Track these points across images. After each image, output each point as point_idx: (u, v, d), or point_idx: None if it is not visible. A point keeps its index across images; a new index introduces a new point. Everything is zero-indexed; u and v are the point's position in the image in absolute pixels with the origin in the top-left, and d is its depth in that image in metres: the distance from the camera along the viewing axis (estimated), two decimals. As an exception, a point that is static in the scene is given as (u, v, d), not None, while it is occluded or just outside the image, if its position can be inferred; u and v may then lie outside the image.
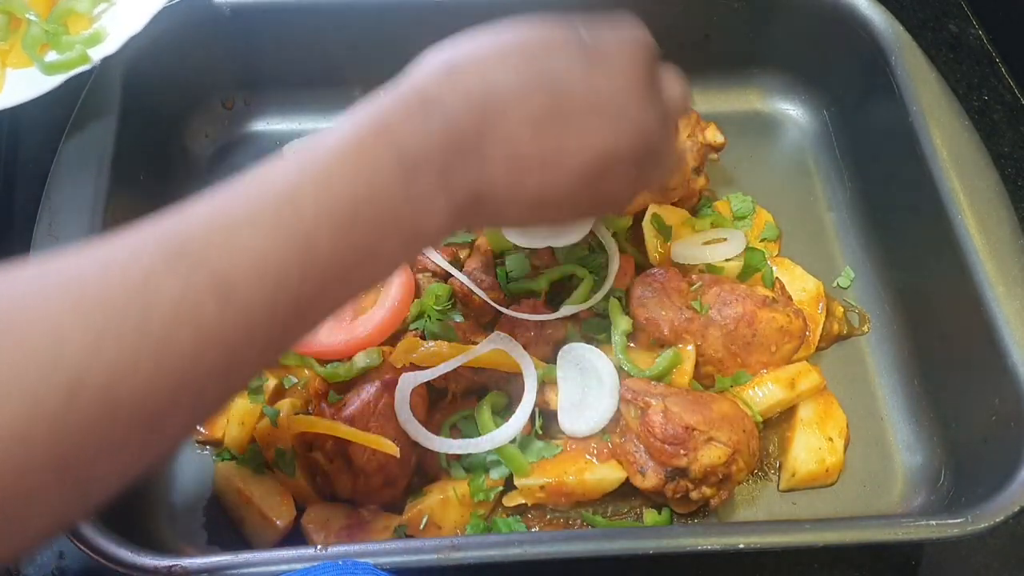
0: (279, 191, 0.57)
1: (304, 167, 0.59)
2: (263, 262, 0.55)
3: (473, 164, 0.64)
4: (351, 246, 0.59)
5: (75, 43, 0.99)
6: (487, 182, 0.66)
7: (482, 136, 0.64)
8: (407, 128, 0.62)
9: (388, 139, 0.61)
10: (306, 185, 0.57)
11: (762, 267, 1.04)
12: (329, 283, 0.59)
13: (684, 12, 1.17)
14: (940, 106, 1.02)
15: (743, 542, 0.79)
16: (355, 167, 0.59)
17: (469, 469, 0.90)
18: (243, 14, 1.10)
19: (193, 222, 0.55)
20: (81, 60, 0.97)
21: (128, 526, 0.81)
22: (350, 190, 0.59)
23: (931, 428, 0.98)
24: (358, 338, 0.92)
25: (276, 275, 0.55)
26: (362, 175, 0.59)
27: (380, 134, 0.61)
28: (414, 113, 0.63)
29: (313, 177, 0.58)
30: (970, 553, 0.95)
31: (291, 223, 0.56)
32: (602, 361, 0.93)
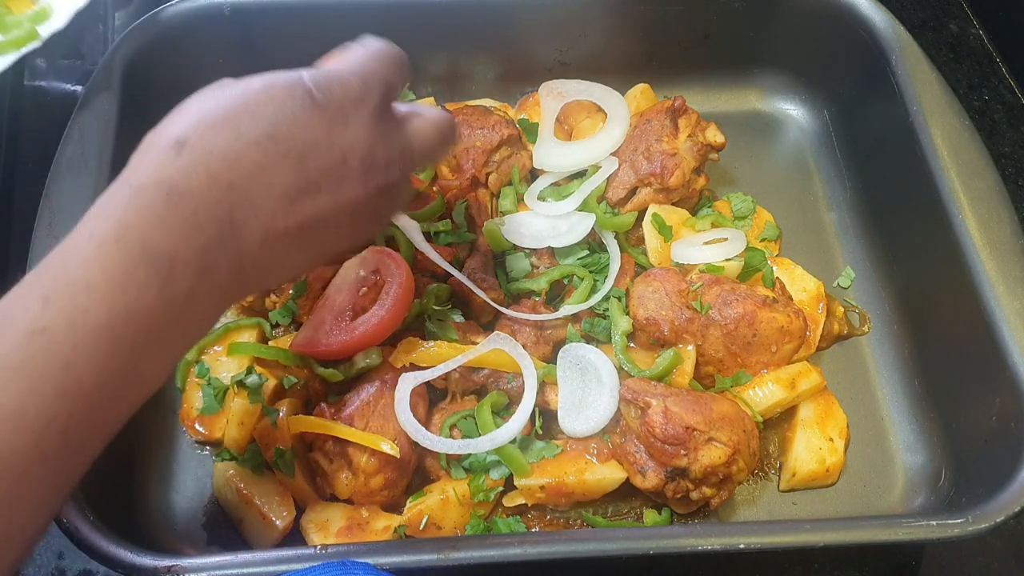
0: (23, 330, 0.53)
1: (47, 296, 0.55)
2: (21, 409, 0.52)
3: (231, 250, 0.61)
4: (116, 370, 0.55)
5: (21, 22, 1.00)
6: (248, 264, 0.63)
7: (234, 218, 0.61)
8: (153, 228, 0.58)
9: (135, 245, 0.57)
10: (53, 317, 0.54)
11: (762, 267, 1.04)
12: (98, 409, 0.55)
13: (684, 12, 1.17)
14: (940, 106, 1.02)
15: (743, 542, 0.79)
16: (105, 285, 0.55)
17: (469, 469, 0.90)
18: (243, 14, 1.10)
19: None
20: (30, 37, 0.98)
21: (128, 526, 0.81)
22: (104, 314, 0.55)
23: (931, 428, 0.98)
24: (358, 338, 0.92)
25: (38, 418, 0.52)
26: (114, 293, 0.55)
27: (123, 241, 0.57)
28: (158, 209, 0.58)
29: (59, 308, 0.54)
30: (970, 553, 0.95)
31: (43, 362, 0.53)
32: (602, 361, 0.93)
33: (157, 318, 0.57)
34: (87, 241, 0.57)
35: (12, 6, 1.03)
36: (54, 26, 1.00)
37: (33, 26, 0.99)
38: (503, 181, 1.07)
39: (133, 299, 0.56)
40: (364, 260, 0.97)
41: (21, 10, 1.03)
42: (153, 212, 0.58)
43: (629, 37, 1.19)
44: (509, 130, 1.06)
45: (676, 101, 1.06)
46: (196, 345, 0.98)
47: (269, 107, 0.65)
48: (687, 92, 1.13)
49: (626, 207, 1.06)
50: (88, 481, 0.79)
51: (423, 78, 1.20)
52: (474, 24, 1.16)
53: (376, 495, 0.88)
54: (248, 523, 0.89)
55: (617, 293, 0.99)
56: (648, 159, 1.05)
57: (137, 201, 0.58)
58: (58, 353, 0.53)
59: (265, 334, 1.00)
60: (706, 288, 0.96)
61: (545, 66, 1.20)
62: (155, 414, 0.97)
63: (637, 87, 1.18)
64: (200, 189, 0.60)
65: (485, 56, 1.19)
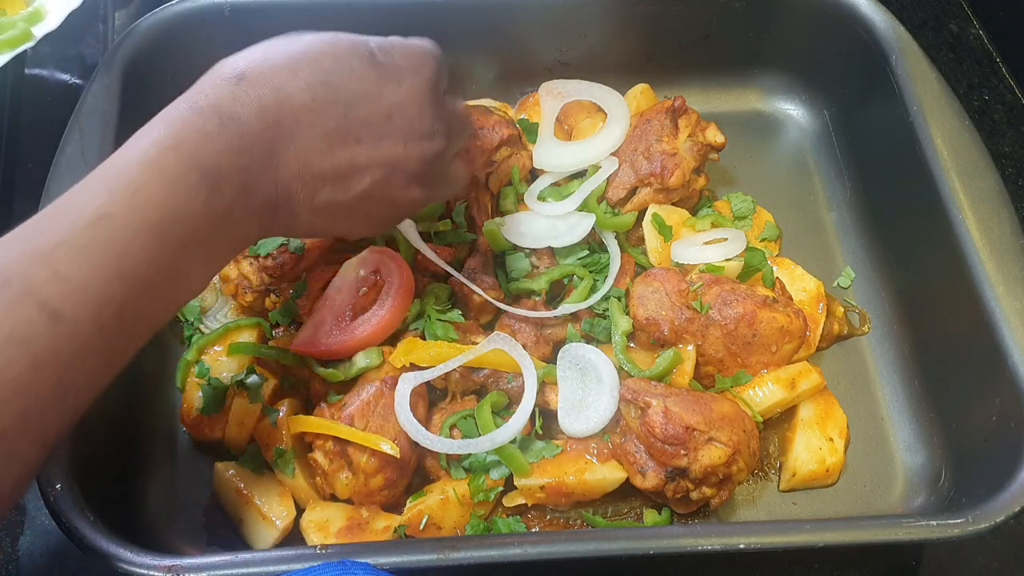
0: (90, 214, 0.60)
1: (111, 188, 0.61)
2: (84, 284, 0.58)
3: (269, 176, 0.68)
4: (164, 265, 0.62)
5: (16, 22, 1.01)
6: (283, 194, 0.69)
7: (276, 149, 0.68)
8: (205, 143, 0.64)
9: (188, 156, 0.64)
10: (116, 206, 0.61)
11: (762, 267, 1.04)
12: (149, 297, 0.62)
13: (685, 12, 1.17)
14: (940, 106, 1.02)
15: (743, 542, 0.79)
16: (160, 186, 0.62)
17: (469, 469, 0.90)
18: (243, 14, 1.10)
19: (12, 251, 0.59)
20: (24, 38, 0.99)
21: (128, 526, 0.81)
22: (158, 210, 0.62)
23: (931, 428, 0.98)
24: (358, 338, 0.92)
25: (98, 295, 0.59)
26: (167, 194, 0.62)
27: (180, 151, 0.64)
28: (211, 129, 0.65)
29: (122, 198, 0.61)
30: (971, 553, 0.95)
31: (106, 245, 0.59)
32: (602, 361, 0.93)
33: (201, 225, 0.64)
34: (149, 145, 0.63)
35: (6, 7, 1.04)
36: (48, 27, 1.01)
37: (27, 27, 0.99)
38: (503, 181, 1.07)
39: (182, 203, 0.62)
40: (364, 260, 0.97)
41: (15, 11, 1.04)
42: (207, 131, 0.65)
43: (629, 37, 1.19)
44: (509, 130, 1.06)
45: (676, 101, 1.06)
46: (196, 345, 0.98)
47: (329, 58, 0.71)
48: (687, 92, 1.13)
49: (626, 207, 1.06)
50: (88, 481, 0.80)
51: (423, 78, 1.20)
52: (474, 24, 1.16)
53: (376, 495, 0.88)
54: (248, 523, 0.89)
55: (617, 293, 0.99)
56: (648, 159, 1.05)
57: (194, 120, 0.65)
58: (119, 239, 0.60)
59: (265, 334, 1.00)
60: (706, 288, 0.96)
61: (545, 66, 1.20)
62: (155, 414, 0.97)
63: (637, 87, 1.18)
64: (249, 117, 0.66)
65: (485, 56, 1.19)
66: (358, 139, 0.71)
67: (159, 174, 0.62)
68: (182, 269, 0.64)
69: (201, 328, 1.02)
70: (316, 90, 0.69)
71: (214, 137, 0.65)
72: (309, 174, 0.70)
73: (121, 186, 0.61)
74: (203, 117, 0.65)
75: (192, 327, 1.02)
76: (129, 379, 0.95)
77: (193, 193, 0.63)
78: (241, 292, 1.00)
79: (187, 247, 0.64)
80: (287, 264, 0.97)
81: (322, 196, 0.71)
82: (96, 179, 0.63)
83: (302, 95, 0.69)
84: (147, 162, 0.63)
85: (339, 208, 0.74)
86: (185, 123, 0.65)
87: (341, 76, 0.71)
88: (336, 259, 0.99)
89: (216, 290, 1.04)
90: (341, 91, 0.70)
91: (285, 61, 0.70)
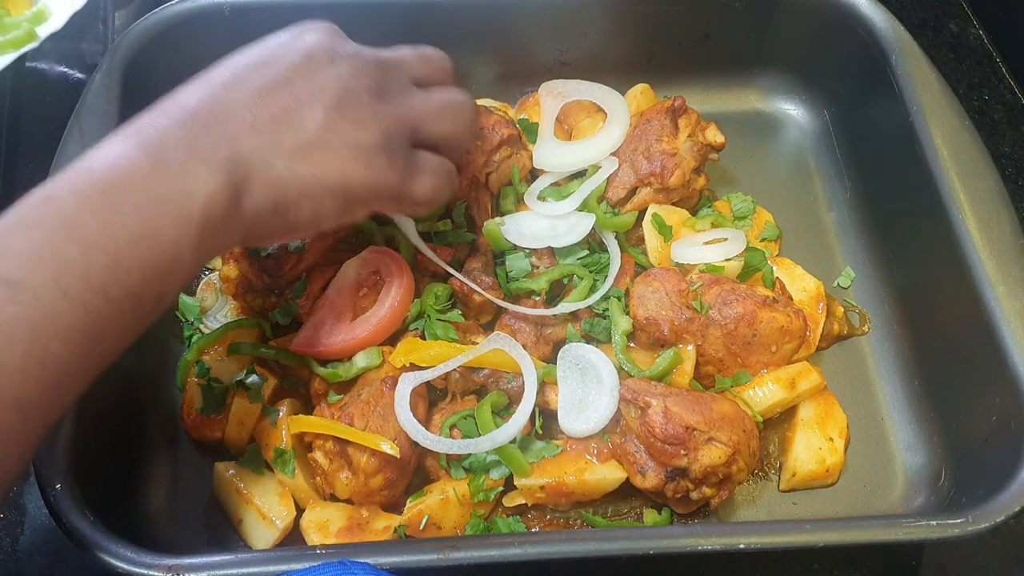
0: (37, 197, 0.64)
1: (58, 177, 0.65)
2: (38, 253, 0.60)
3: (221, 131, 0.70)
4: (118, 224, 0.63)
5: (20, 22, 1.01)
6: (243, 148, 0.71)
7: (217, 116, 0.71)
8: (144, 120, 0.70)
9: (132, 131, 0.69)
10: (60, 183, 0.64)
11: (762, 267, 1.04)
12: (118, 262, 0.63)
13: (685, 12, 1.17)
14: (940, 106, 1.02)
15: (743, 542, 0.79)
16: (103, 162, 0.66)
17: (469, 469, 0.90)
18: (243, 14, 1.10)
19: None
20: (28, 38, 1.00)
21: (128, 526, 0.81)
22: (103, 179, 0.64)
23: (931, 428, 0.98)
24: (358, 338, 0.92)
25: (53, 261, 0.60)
26: (110, 165, 0.65)
27: (125, 130, 0.69)
28: (156, 110, 0.71)
29: (67, 180, 0.65)
30: (971, 553, 0.95)
31: (54, 219, 0.62)
32: (602, 361, 0.93)
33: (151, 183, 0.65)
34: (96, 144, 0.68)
35: (11, 7, 1.04)
36: (52, 27, 1.01)
37: (32, 27, 0.99)
38: (503, 181, 1.07)
39: (125, 172, 0.65)
40: (364, 260, 0.97)
41: (20, 11, 1.04)
42: (153, 112, 0.71)
43: (629, 37, 1.19)
44: (509, 130, 1.06)
45: (676, 101, 1.06)
46: (196, 345, 0.98)
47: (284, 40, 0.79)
48: (687, 92, 1.13)
49: (626, 207, 1.06)
50: (88, 481, 0.80)
51: (423, 78, 1.20)
52: (474, 24, 1.16)
53: (376, 495, 0.88)
54: (248, 523, 0.89)
55: (617, 293, 0.99)
56: (648, 159, 1.05)
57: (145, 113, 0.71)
58: (67, 212, 0.62)
59: (265, 334, 1.00)
60: (706, 288, 0.96)
61: (545, 66, 1.20)
62: (155, 414, 0.97)
63: (637, 87, 1.18)
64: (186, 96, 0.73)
65: (485, 56, 1.19)
66: (289, 80, 0.75)
67: (102, 153, 0.66)
68: (149, 230, 0.65)
69: (201, 328, 1.02)
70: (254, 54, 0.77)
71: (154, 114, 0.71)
72: (260, 122, 0.72)
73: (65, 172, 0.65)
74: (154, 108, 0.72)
75: (192, 327, 1.02)
76: (129, 379, 0.95)
77: (136, 162, 0.66)
78: (241, 292, 1.00)
79: (143, 207, 0.65)
80: (287, 264, 0.97)
81: (286, 138, 0.73)
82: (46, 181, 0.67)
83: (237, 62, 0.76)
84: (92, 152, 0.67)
85: (310, 145, 0.75)
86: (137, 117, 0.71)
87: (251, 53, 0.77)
88: (336, 259, 0.99)
89: (216, 290, 1.04)
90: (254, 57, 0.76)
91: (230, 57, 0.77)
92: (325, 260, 1.01)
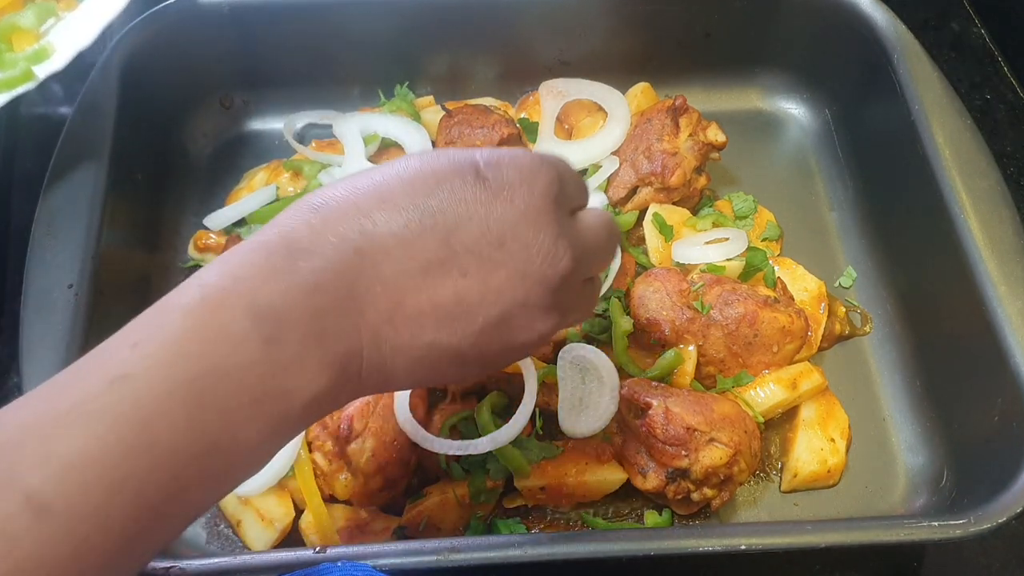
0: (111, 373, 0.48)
1: (139, 340, 0.49)
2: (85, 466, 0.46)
3: (350, 320, 0.55)
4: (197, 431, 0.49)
5: (18, 60, 0.95)
6: (370, 340, 0.56)
7: (359, 287, 0.55)
8: (265, 281, 0.52)
9: (242, 296, 0.51)
10: (140, 363, 0.48)
11: (764, 267, 1.03)
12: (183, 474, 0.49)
13: (686, 11, 1.17)
14: (942, 105, 1.01)
15: (745, 543, 0.79)
16: (201, 334, 0.50)
17: (469, 470, 0.90)
18: (242, 13, 1.10)
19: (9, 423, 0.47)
20: (25, 78, 0.93)
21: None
22: (194, 365, 0.49)
23: (933, 428, 0.97)
24: (357, 338, 0.92)
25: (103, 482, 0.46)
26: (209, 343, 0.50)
27: (230, 291, 0.51)
28: (275, 264, 0.53)
29: (150, 352, 0.49)
30: (972, 554, 0.94)
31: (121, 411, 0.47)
32: (602, 361, 0.93)
33: (253, 380, 0.51)
34: (195, 288, 0.52)
35: (15, 41, 0.98)
36: (53, 67, 0.94)
37: (28, 66, 0.93)
38: (503, 181, 1.06)
39: (228, 355, 0.50)
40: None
41: (22, 47, 0.98)
42: (270, 266, 0.53)
43: (629, 36, 1.19)
44: (509, 129, 1.06)
45: (677, 100, 1.06)
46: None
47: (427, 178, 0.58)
48: (688, 91, 1.13)
49: (627, 206, 1.06)
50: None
51: (423, 78, 1.20)
52: (474, 24, 1.15)
53: (375, 496, 0.88)
54: (247, 524, 0.89)
55: (617, 293, 0.99)
56: (649, 158, 1.04)
57: (255, 255, 0.53)
58: (141, 404, 0.47)
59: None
60: (707, 288, 0.96)
61: (545, 65, 1.19)
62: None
63: (637, 86, 1.17)
64: (324, 249, 0.54)
65: (485, 55, 1.19)
66: (464, 271, 0.58)
67: (200, 320, 0.50)
68: (229, 436, 0.50)
69: (200, 328, 1.02)
70: (408, 214, 0.56)
71: (278, 273, 0.53)
72: (403, 315, 0.57)
73: (151, 337, 0.50)
74: (266, 250, 0.54)
75: (191, 327, 1.01)
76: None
77: (243, 342, 0.50)
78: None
79: (233, 409, 0.50)
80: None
81: (423, 340, 0.58)
82: (128, 329, 0.51)
83: (391, 222, 0.56)
84: (189, 307, 0.51)
85: (445, 354, 0.59)
86: (244, 259, 0.53)
87: (440, 197, 0.57)
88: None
89: (215, 290, 1.04)
90: (440, 214, 0.57)
91: (372, 187, 0.58)
92: (324, 260, 1.00)
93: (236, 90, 1.18)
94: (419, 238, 0.57)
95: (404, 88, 1.18)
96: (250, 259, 0.53)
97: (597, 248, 0.67)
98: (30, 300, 0.86)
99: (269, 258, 0.53)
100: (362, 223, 0.56)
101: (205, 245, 1.06)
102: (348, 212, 0.56)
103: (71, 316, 0.86)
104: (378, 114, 1.12)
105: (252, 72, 1.17)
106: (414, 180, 0.58)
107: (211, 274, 0.53)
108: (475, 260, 0.58)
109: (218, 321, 0.50)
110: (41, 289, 0.87)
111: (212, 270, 0.53)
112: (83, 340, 0.85)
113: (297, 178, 1.10)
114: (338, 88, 1.18)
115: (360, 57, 1.16)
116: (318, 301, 0.53)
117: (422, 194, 0.57)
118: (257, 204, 1.07)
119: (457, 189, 0.58)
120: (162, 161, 1.11)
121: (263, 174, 1.12)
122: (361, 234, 0.56)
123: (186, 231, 1.09)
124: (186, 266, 1.07)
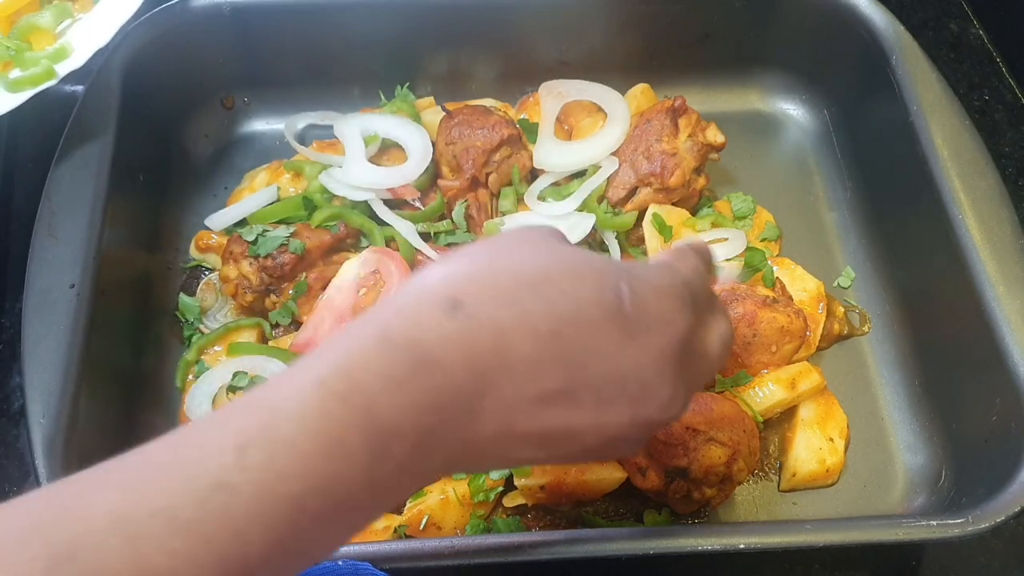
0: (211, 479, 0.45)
1: (245, 442, 0.46)
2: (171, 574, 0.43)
3: (457, 436, 0.52)
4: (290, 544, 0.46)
5: (40, 59, 0.97)
6: (473, 454, 0.54)
7: (474, 407, 0.52)
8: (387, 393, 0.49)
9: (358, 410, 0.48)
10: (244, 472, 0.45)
11: (763, 267, 1.04)
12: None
13: (685, 11, 1.17)
14: (941, 106, 1.02)
15: (744, 542, 0.79)
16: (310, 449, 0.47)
17: (469, 469, 0.90)
18: (243, 14, 1.10)
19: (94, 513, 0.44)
20: (47, 76, 0.95)
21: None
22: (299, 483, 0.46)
23: (932, 428, 0.98)
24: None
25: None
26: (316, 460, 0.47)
27: (349, 401, 0.48)
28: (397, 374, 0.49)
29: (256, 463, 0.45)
30: (971, 553, 0.95)
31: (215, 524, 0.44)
32: (602, 361, 0.93)
33: (351, 496, 0.48)
34: (311, 385, 0.48)
35: (33, 41, 1.01)
36: (72, 65, 0.97)
37: (51, 64, 0.96)
38: (503, 181, 1.07)
39: (334, 473, 0.47)
40: (364, 260, 0.97)
41: (41, 46, 1.01)
42: (392, 377, 0.49)
43: (629, 37, 1.19)
44: (509, 130, 1.06)
45: (676, 101, 1.06)
46: (196, 345, 0.98)
47: (569, 300, 0.55)
48: (687, 92, 1.13)
49: (626, 207, 1.06)
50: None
51: (423, 78, 1.20)
52: (474, 24, 1.15)
53: (376, 495, 0.88)
54: (248, 523, 0.89)
55: (617, 293, 0.99)
56: (648, 159, 1.05)
57: (379, 357, 0.50)
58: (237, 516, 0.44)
59: (265, 334, 1.00)
60: (706, 288, 0.96)
61: (545, 66, 1.19)
62: (155, 414, 0.97)
63: (637, 87, 1.17)
64: (453, 367, 0.51)
65: (485, 56, 1.19)
66: (579, 403, 0.55)
67: (315, 435, 0.47)
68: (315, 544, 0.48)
69: (201, 328, 1.02)
70: (543, 341, 0.53)
71: (402, 386, 0.49)
72: (509, 436, 0.54)
73: (259, 444, 0.46)
74: (393, 354, 0.50)
75: (192, 327, 1.02)
76: (129, 379, 0.95)
77: (353, 464, 0.48)
78: (241, 292, 1.00)
79: (326, 522, 0.48)
80: (287, 264, 0.97)
81: (517, 455, 0.57)
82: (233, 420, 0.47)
83: (525, 344, 0.53)
84: (301, 413, 0.47)
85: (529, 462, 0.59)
86: (366, 359, 0.49)
87: (578, 326, 0.54)
88: (336, 259, 0.99)
89: (216, 290, 1.04)
90: (572, 344, 0.54)
91: (513, 289, 0.54)
92: (325, 260, 1.01)
93: (237, 91, 1.19)
94: (546, 366, 0.54)
95: (404, 89, 1.18)
96: (371, 361, 0.50)
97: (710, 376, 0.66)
98: (31, 300, 0.87)
99: (391, 366, 0.50)
100: (498, 344, 0.52)
101: (206, 245, 1.06)
102: (485, 321, 0.52)
103: (72, 316, 0.86)
104: (379, 115, 1.13)
105: (253, 73, 1.17)
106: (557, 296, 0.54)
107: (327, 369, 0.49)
108: (592, 395, 0.56)
109: (334, 438, 0.47)
110: (42, 289, 0.87)
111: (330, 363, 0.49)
112: (84, 340, 0.85)
113: (298, 179, 1.10)
114: (339, 89, 1.18)
115: (360, 58, 1.16)
116: (432, 420, 0.50)
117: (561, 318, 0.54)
118: (258, 205, 1.07)
119: (596, 319, 0.55)
120: (163, 161, 1.11)
121: (264, 175, 1.12)
122: (494, 354, 0.52)
123: (187, 231, 1.09)
124: (187, 266, 1.07)
